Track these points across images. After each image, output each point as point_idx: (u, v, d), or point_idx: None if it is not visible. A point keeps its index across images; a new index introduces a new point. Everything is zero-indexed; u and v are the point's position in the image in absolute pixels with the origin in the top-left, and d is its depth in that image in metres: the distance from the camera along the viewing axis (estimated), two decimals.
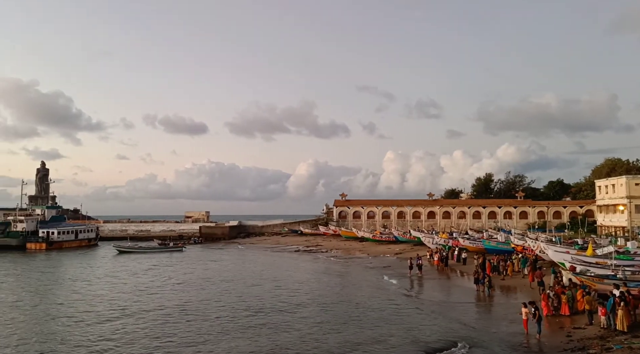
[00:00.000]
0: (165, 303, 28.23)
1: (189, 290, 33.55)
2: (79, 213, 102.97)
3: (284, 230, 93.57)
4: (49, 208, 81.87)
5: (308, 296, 30.87)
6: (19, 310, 26.87)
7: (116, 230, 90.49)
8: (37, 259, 56.89)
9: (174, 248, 68.17)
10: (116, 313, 25.62)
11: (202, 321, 23.47)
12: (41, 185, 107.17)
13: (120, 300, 29.46)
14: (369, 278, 39.08)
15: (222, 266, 49.02)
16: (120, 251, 63.68)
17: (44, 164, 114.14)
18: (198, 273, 43.24)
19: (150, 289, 34.12)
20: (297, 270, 45.56)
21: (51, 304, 28.67)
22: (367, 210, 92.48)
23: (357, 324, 22.87)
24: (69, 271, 45.55)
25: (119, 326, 22.66)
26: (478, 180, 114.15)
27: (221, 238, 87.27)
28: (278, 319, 24.01)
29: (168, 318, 24.40)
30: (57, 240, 71.17)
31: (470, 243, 49.91)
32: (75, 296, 31.15)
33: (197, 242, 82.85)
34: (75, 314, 25.47)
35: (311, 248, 68.84)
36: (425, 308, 26.61)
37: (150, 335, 20.93)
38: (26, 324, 23.54)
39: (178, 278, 39.59)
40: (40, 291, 33.82)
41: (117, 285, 35.99)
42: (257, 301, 28.66)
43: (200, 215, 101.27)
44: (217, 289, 33.90)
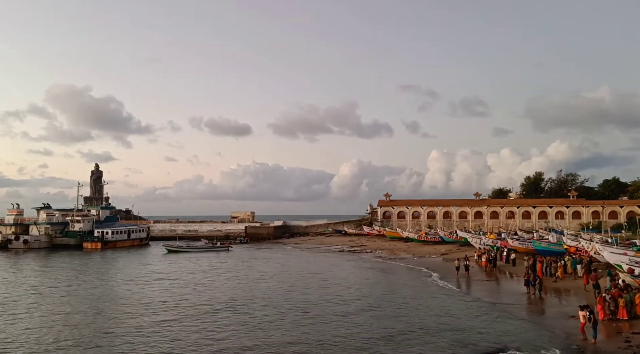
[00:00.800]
0: (220, 298, 28.96)
1: (242, 287, 34.23)
2: (131, 214, 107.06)
3: (328, 230, 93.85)
4: (103, 209, 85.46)
5: (354, 295, 30.92)
6: (83, 306, 28.16)
7: (165, 230, 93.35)
8: (93, 257, 59.48)
9: (220, 248, 69.66)
10: (173, 309, 26.49)
11: (252, 317, 23.95)
12: (95, 187, 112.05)
13: (176, 295, 30.44)
14: (415, 279, 38.69)
15: (269, 265, 49.74)
16: (169, 251, 65.68)
17: (97, 166, 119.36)
18: (247, 271, 44.05)
19: (205, 286, 35.21)
20: (342, 270, 45.63)
21: (112, 299, 29.94)
22: (412, 210, 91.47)
23: (404, 324, 22.71)
24: (124, 269, 47.44)
25: (178, 321, 23.43)
26: (527, 179, 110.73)
27: (266, 238, 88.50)
28: (325, 317, 24.17)
29: (227, 313, 25.11)
30: (111, 240, 74.17)
31: (520, 244, 48.46)
32: (132, 292, 32.40)
33: (243, 242, 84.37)
34: (132, 308, 26.53)
35: (355, 248, 68.75)
36: (473, 310, 26.09)
37: (213, 329, 21.53)
38: (87, 318, 24.65)
39: (230, 277, 40.47)
40: (103, 287, 35.36)
41: (171, 282, 37.17)
42: (304, 300, 28.94)
43: (245, 215, 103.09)
44: (267, 286, 34.49)
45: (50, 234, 74.18)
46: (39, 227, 74.69)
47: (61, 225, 76.76)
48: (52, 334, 21.32)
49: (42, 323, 23.44)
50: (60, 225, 76.87)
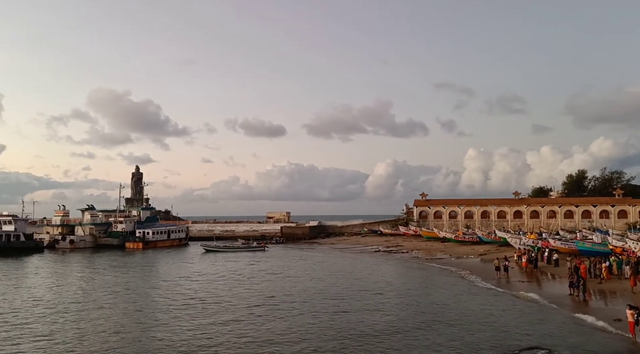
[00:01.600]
0: (260, 297, 29.33)
1: (280, 286, 34.49)
2: (170, 214, 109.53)
3: (364, 230, 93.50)
4: (143, 210, 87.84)
5: (391, 295, 30.74)
6: (129, 304, 29.05)
7: (203, 230, 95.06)
8: (136, 257, 61.17)
9: (257, 248, 70.41)
10: (216, 307, 26.99)
11: (291, 315, 24.15)
12: (136, 188, 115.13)
13: (217, 293, 31.03)
14: (453, 279, 38.15)
15: (306, 265, 49.97)
16: (207, 250, 66.90)
17: (138, 168, 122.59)
18: (284, 271, 44.34)
19: (244, 284, 35.71)
20: (378, 270, 45.43)
21: (155, 297, 30.79)
22: (449, 209, 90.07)
23: (444, 324, 22.40)
24: (165, 268, 48.65)
25: (222, 318, 23.87)
26: (569, 177, 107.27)
27: (302, 238, 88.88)
28: (362, 316, 24.11)
29: (266, 310, 25.39)
30: (152, 240, 76.15)
31: (562, 244, 46.99)
32: (176, 291, 33.14)
33: (279, 242, 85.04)
34: (176, 306, 27.18)
35: (391, 248, 68.23)
36: (514, 311, 25.50)
37: (253, 327, 21.84)
38: (132, 316, 25.40)
39: (268, 276, 40.88)
40: (147, 286, 36.41)
41: (211, 281, 37.85)
42: (342, 300, 28.92)
43: (281, 216, 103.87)
44: (303, 285, 34.67)
45: (94, 234, 76.79)
46: (84, 228, 77.41)
47: (104, 226, 79.34)
48: (99, 332, 22.04)
49: (92, 321, 24.30)
50: (103, 225, 79.46)
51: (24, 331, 21.80)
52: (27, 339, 20.40)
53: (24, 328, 22.45)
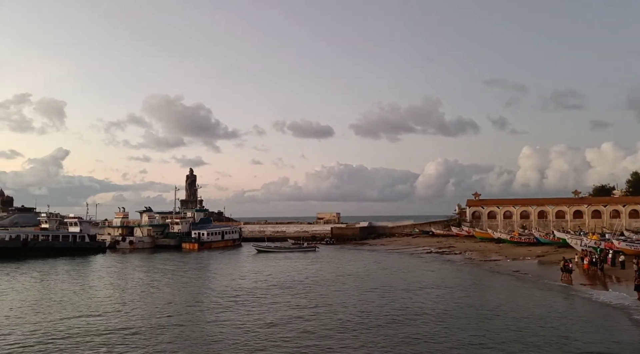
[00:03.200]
0: (316, 298, 29.64)
1: (334, 287, 34.65)
2: (223, 216, 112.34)
3: (415, 231, 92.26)
4: (198, 211, 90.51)
5: (448, 297, 30.16)
6: (186, 302, 30.07)
7: (255, 231, 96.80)
8: (192, 257, 63.10)
9: (307, 248, 70.98)
10: (275, 306, 27.46)
11: (349, 315, 24.26)
12: (190, 190, 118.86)
13: (275, 293, 31.58)
14: (510, 281, 37.03)
15: (357, 265, 49.85)
16: (259, 251, 68.06)
17: (192, 171, 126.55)
18: (337, 271, 44.40)
19: (300, 284, 36.14)
20: (432, 271, 44.76)
21: (213, 296, 31.68)
22: (503, 209, 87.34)
23: (502, 329, 21.76)
24: (222, 267, 49.94)
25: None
26: (634, 174, 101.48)
27: (352, 239, 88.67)
28: (419, 317, 23.82)
29: (325, 310, 25.66)
30: (207, 241, 78.27)
31: (628, 246, 44.58)
32: (235, 290, 33.97)
33: (329, 243, 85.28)
34: (232, 306, 27.83)
35: (444, 249, 66.98)
36: (577, 315, 24.46)
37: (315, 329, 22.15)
38: (191, 313, 26.29)
39: (322, 277, 41.02)
40: (206, 283, 37.60)
41: (269, 282, 38.47)
42: (397, 301, 28.67)
43: (331, 216, 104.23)
44: (356, 286, 34.57)
45: (152, 235, 79.74)
46: (142, 229, 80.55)
47: (161, 227, 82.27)
48: (167, 331, 22.92)
49: (162, 317, 25.34)
50: (160, 226, 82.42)
51: (100, 321, 23.06)
52: (104, 329, 21.59)
53: (98, 319, 23.81)
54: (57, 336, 21.21)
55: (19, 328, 22.78)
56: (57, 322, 24.01)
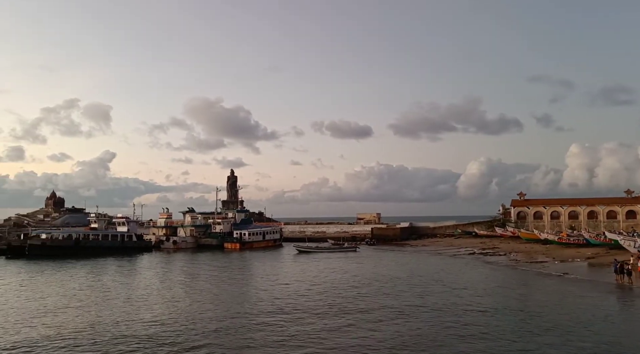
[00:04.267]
0: (362, 299, 29.52)
1: (378, 288, 34.45)
2: (264, 216, 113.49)
3: (457, 232, 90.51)
4: (239, 212, 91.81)
5: (493, 300, 29.35)
6: (229, 302, 30.54)
7: (295, 231, 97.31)
8: (234, 257, 64.06)
9: (348, 249, 70.79)
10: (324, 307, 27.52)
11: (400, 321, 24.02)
12: (231, 191, 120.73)
13: (323, 293, 31.68)
14: (559, 283, 35.68)
15: (400, 266, 49.37)
16: (299, 251, 68.33)
17: (232, 172, 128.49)
18: (379, 272, 44.07)
19: (345, 285, 35.97)
20: (477, 273, 43.77)
21: (254, 298, 32.06)
22: (550, 209, 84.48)
23: (551, 336, 20.99)
24: (264, 266, 50.47)
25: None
26: None
27: (393, 240, 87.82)
28: (464, 320, 23.29)
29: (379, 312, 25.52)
30: (248, 241, 79.30)
31: None
32: (279, 291, 34.32)
33: (370, 243, 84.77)
34: (275, 306, 28.08)
35: (487, 250, 65.34)
36: (632, 320, 23.28)
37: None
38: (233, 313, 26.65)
39: (365, 277, 40.75)
40: (254, 282, 38.13)
41: (310, 279, 38.68)
42: (444, 303, 28.09)
43: (371, 217, 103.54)
44: (398, 289, 34.16)
45: (195, 235, 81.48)
46: (185, 229, 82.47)
47: (204, 227, 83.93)
48: (207, 329, 23.32)
49: (205, 312, 25.85)
50: (203, 227, 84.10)
51: (145, 313, 23.76)
52: (145, 322, 22.22)
53: (146, 312, 24.52)
54: (117, 331, 21.94)
55: (74, 323, 23.72)
56: (122, 316, 24.91)
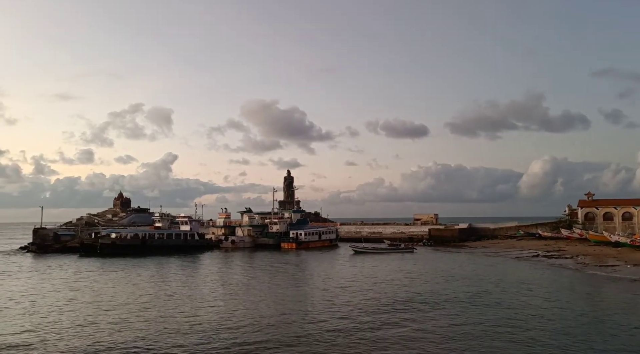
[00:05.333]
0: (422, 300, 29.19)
1: (437, 290, 33.94)
2: (320, 216, 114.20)
3: (519, 233, 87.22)
4: (295, 212, 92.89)
5: (563, 307, 28.10)
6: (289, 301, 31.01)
7: (351, 232, 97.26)
8: (292, 256, 64.85)
9: (405, 250, 69.87)
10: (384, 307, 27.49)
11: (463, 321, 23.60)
12: (288, 192, 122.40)
13: (384, 294, 31.59)
14: (632, 289, 33.57)
15: (461, 268, 48.12)
16: (356, 252, 68.15)
17: (289, 172, 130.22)
18: (438, 273, 43.36)
19: (408, 286, 35.74)
20: (542, 276, 41.94)
21: (310, 297, 32.39)
22: (622, 210, 79.67)
23: (623, 340, 19.86)
24: (321, 266, 50.75)
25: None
26: None
27: (451, 241, 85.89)
28: (529, 325, 22.48)
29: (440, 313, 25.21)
30: (304, 240, 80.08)
31: None
32: (336, 287, 34.54)
33: (427, 244, 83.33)
34: (338, 306, 28.24)
35: (552, 253, 62.47)
36: None
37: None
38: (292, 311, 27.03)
39: (425, 279, 40.30)
40: (314, 281, 38.60)
41: (371, 278, 38.61)
42: (512, 312, 27.16)
43: (428, 218, 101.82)
44: (462, 290, 33.48)
45: (252, 235, 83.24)
46: (243, 229, 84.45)
47: (261, 227, 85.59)
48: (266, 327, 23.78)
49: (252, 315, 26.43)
50: (260, 226, 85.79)
51: (208, 307, 24.59)
52: (213, 314, 22.97)
53: (208, 306, 25.39)
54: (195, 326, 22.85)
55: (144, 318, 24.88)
56: (193, 309, 25.93)
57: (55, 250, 71.92)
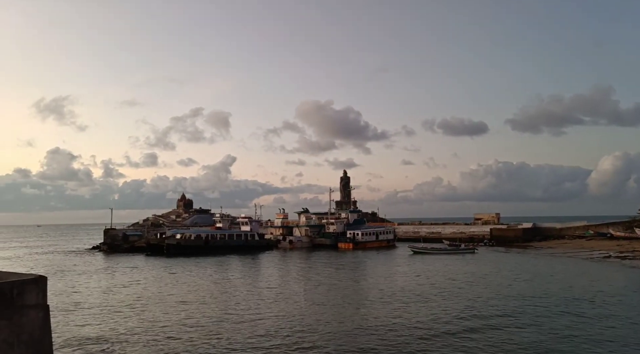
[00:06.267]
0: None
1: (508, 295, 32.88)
2: (377, 216, 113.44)
3: (588, 233, 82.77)
4: (351, 212, 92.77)
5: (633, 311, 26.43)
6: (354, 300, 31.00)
7: (409, 232, 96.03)
8: (349, 256, 64.72)
9: (465, 250, 68.07)
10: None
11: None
12: (344, 192, 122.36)
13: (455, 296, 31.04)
14: None
15: (529, 269, 46.28)
16: (414, 252, 67.11)
17: (345, 173, 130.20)
18: (504, 276, 41.97)
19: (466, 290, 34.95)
20: (618, 280, 39.63)
21: (373, 295, 32.20)
22: None
23: None
24: (379, 267, 50.42)
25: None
26: None
27: (514, 241, 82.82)
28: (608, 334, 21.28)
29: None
30: (361, 241, 79.84)
31: None
32: (399, 288, 34.18)
33: (489, 244, 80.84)
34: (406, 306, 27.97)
35: (626, 254, 58.84)
36: None
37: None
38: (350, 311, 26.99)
39: (491, 280, 39.14)
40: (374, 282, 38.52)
41: (435, 280, 37.97)
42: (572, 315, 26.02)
43: (490, 217, 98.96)
44: (533, 293, 32.20)
45: (309, 235, 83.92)
46: (300, 229, 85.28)
47: (318, 227, 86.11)
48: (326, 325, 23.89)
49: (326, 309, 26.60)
50: (317, 227, 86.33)
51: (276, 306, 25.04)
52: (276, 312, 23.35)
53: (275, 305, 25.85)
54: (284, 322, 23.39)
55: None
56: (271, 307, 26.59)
57: (124, 250, 75.66)
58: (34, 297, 10.99)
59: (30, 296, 10.92)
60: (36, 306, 11.01)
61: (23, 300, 10.70)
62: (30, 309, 10.82)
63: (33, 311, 10.91)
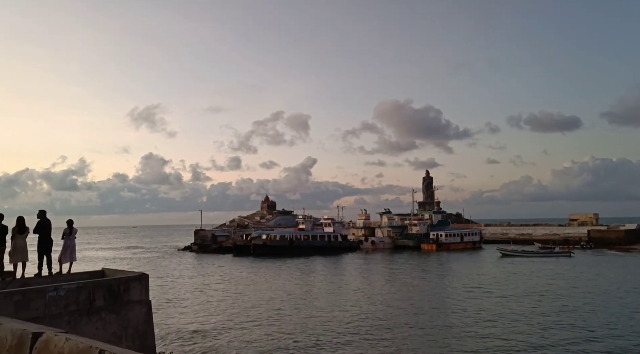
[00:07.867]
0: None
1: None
2: (461, 217, 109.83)
3: None
4: (435, 213, 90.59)
5: None
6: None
7: (497, 233, 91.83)
8: (433, 258, 63.09)
9: (560, 253, 63.81)
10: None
11: None
12: (427, 192, 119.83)
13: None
14: None
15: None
16: (503, 254, 63.94)
17: (427, 173, 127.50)
18: (613, 280, 38.85)
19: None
20: None
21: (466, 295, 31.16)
22: None
23: None
24: (466, 269, 48.55)
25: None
26: None
27: (615, 243, 76.35)
28: None
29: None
30: (445, 242, 77.59)
31: None
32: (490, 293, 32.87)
33: (586, 247, 75.20)
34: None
35: None
36: None
37: None
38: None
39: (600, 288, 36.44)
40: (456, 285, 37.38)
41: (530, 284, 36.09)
42: None
43: (587, 218, 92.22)
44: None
45: (392, 236, 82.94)
46: (383, 230, 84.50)
47: (400, 228, 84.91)
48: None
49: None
50: (399, 228, 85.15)
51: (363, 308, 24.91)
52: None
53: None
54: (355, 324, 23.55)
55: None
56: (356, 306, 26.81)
57: (213, 250, 79.24)
58: (137, 293, 11.75)
59: (135, 292, 11.67)
60: (140, 301, 11.76)
61: (129, 296, 11.46)
62: (135, 305, 11.57)
63: (137, 306, 11.66)
